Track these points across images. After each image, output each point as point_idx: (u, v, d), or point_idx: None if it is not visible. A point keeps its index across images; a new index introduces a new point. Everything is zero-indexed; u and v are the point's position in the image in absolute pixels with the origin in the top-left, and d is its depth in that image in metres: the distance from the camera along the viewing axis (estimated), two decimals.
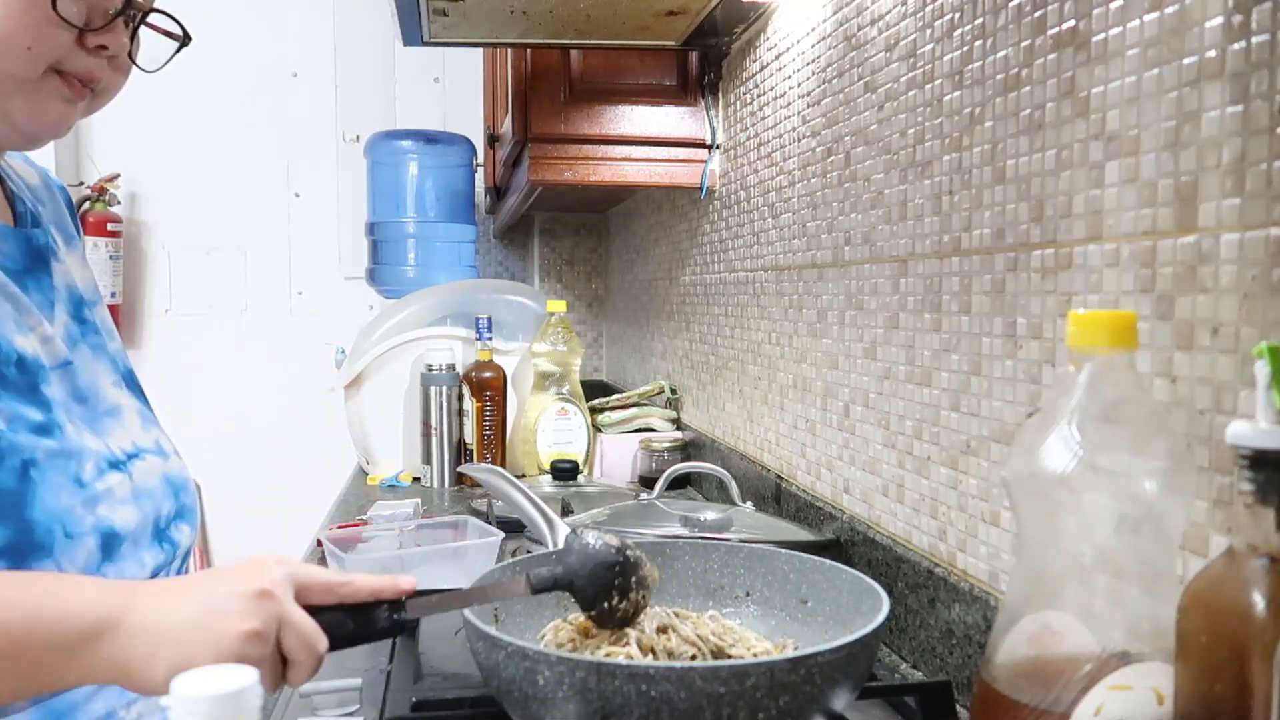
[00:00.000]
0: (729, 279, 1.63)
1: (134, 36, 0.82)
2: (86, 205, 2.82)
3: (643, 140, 1.65)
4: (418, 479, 1.88)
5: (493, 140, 2.25)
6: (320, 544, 1.30)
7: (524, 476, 1.83)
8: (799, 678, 0.61)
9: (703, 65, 1.66)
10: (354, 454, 2.04)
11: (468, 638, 0.70)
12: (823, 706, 0.64)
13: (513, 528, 1.27)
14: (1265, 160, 0.57)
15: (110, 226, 2.83)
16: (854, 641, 0.64)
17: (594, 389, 2.31)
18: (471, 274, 2.72)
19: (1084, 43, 0.73)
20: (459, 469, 1.70)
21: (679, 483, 1.76)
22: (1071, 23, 0.74)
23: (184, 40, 0.86)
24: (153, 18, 0.83)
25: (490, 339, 1.86)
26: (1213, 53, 0.61)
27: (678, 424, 1.95)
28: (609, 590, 0.73)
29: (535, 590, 0.73)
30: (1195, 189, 0.62)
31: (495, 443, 1.85)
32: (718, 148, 1.66)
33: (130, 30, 0.80)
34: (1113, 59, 0.70)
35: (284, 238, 3.08)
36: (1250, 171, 0.58)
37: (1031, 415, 0.58)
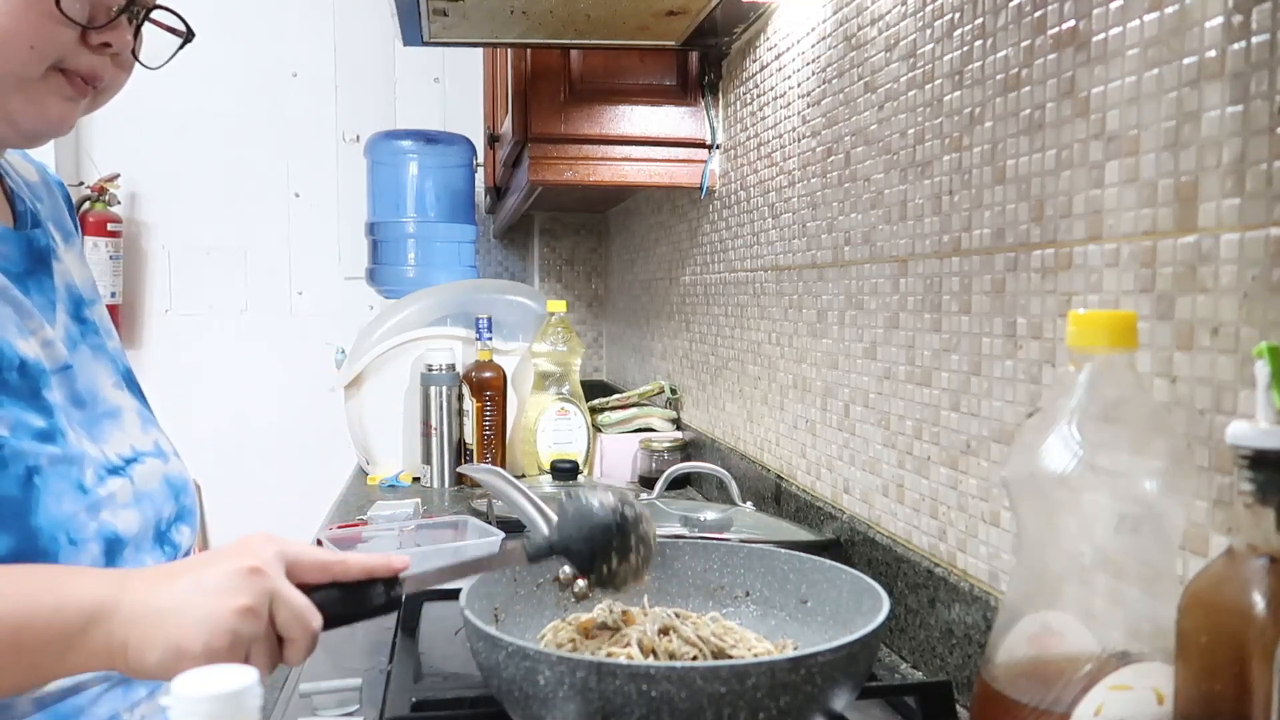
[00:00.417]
0: (729, 279, 1.63)
1: (137, 33, 0.81)
2: (86, 205, 2.82)
3: (643, 140, 1.65)
4: (418, 479, 1.88)
5: (493, 140, 2.25)
6: (320, 544, 1.30)
7: (524, 476, 1.83)
8: (799, 678, 0.61)
9: (703, 65, 1.66)
10: (354, 454, 2.04)
11: (468, 638, 0.70)
12: (823, 706, 0.64)
13: (513, 528, 1.27)
14: (1265, 160, 0.57)
15: (110, 226, 2.83)
16: (854, 641, 0.64)
17: (594, 389, 2.31)
18: (471, 274, 2.72)
19: (1084, 43, 0.73)
20: (459, 469, 1.70)
21: (679, 483, 1.76)
22: (1071, 23, 0.74)
23: (187, 36, 0.85)
24: (156, 14, 0.82)
25: (490, 339, 1.86)
26: (1213, 53, 0.61)
27: (678, 424, 1.95)
28: (607, 553, 0.70)
29: (532, 558, 0.71)
30: (1195, 189, 0.62)
31: (495, 443, 1.85)
32: (718, 148, 1.66)
33: (134, 27, 0.80)
34: (1113, 59, 0.70)
35: (284, 238, 3.08)
36: (1250, 171, 0.58)
37: (1031, 415, 0.58)
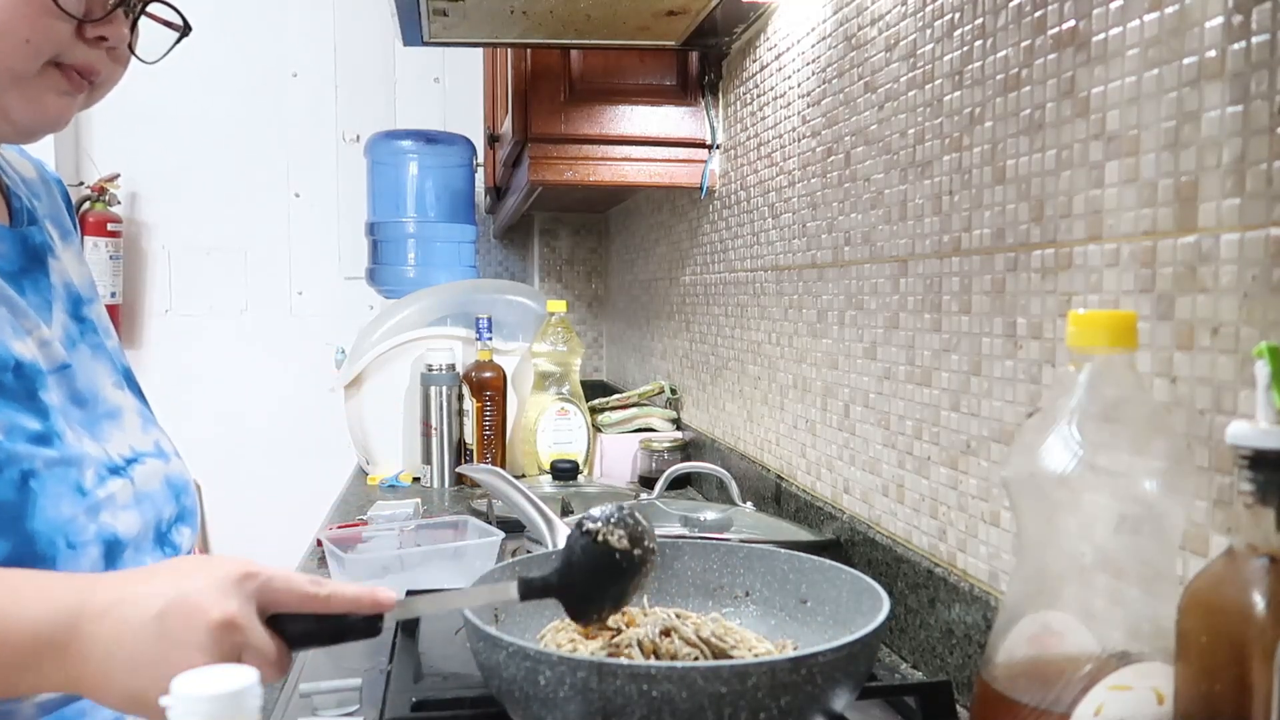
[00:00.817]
0: (729, 279, 1.63)
1: (134, 27, 0.80)
2: (86, 205, 2.82)
3: (643, 140, 1.65)
4: (418, 479, 1.88)
5: (493, 140, 2.25)
6: (320, 544, 1.30)
7: (524, 476, 1.83)
8: (800, 678, 0.61)
9: (703, 65, 1.66)
10: (354, 454, 2.04)
11: (468, 638, 0.70)
12: (823, 706, 0.64)
13: (513, 528, 1.27)
14: (1265, 160, 0.57)
15: (110, 226, 2.83)
16: (854, 641, 0.64)
17: (594, 389, 2.31)
18: (471, 274, 2.72)
19: (1084, 43, 0.73)
20: (459, 469, 1.70)
21: (679, 483, 1.76)
22: (1071, 23, 0.74)
23: (184, 30, 0.84)
24: (152, 8, 0.81)
25: (490, 339, 1.86)
26: (1213, 53, 0.61)
27: (678, 424, 1.95)
28: (603, 602, 0.67)
29: (523, 597, 0.67)
30: (1195, 189, 0.62)
31: (495, 443, 1.85)
32: (718, 148, 1.66)
33: (130, 21, 0.79)
34: (1113, 59, 0.70)
35: (284, 238, 3.08)
36: (1250, 171, 0.58)
37: (1031, 415, 0.58)
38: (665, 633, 0.74)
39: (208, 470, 2.97)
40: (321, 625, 0.63)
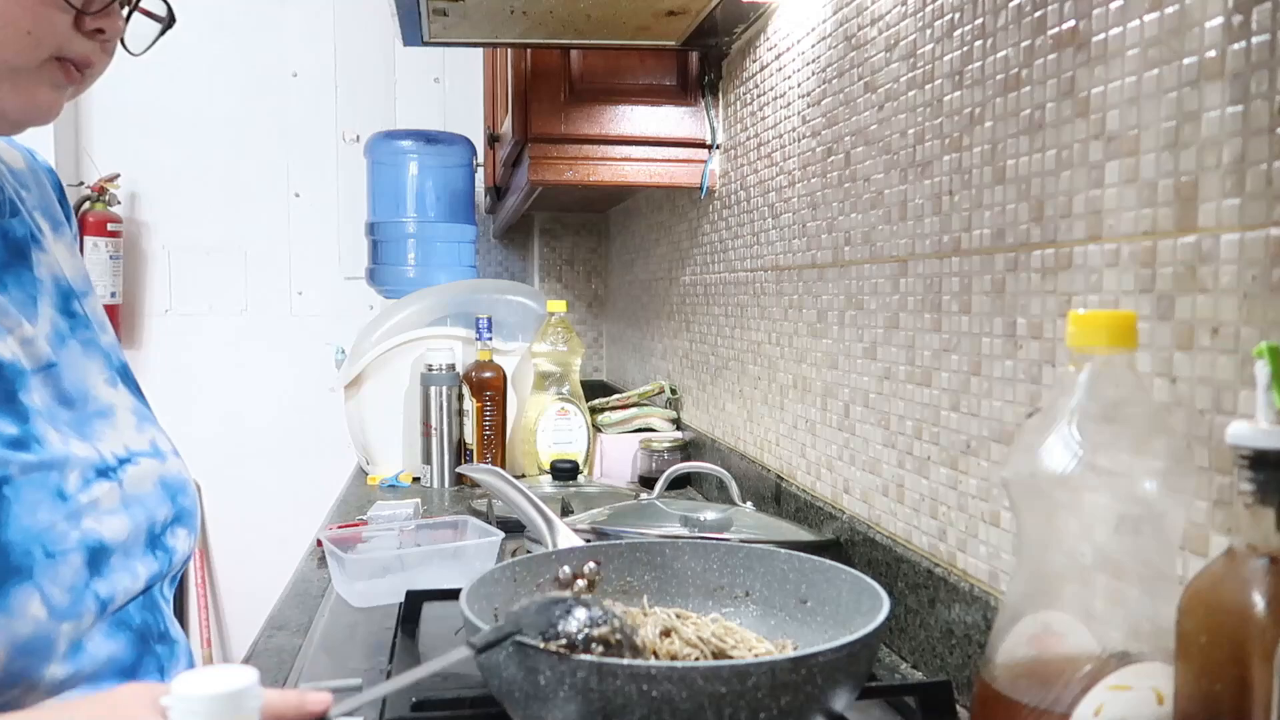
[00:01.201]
0: (729, 279, 1.63)
1: (129, 19, 0.79)
2: (86, 205, 2.82)
3: (643, 140, 1.65)
4: (418, 479, 1.88)
5: (493, 140, 2.25)
6: (320, 544, 1.30)
7: (524, 476, 1.83)
8: (800, 677, 0.61)
9: (703, 65, 1.66)
10: (354, 454, 2.04)
11: (468, 637, 0.70)
12: (823, 706, 0.64)
13: (513, 528, 1.27)
14: (1265, 160, 0.57)
15: (110, 226, 2.83)
16: (854, 641, 0.64)
17: (594, 389, 2.31)
18: (471, 274, 2.72)
19: (1084, 43, 0.73)
20: (459, 469, 1.70)
21: (679, 483, 1.76)
22: (1071, 23, 0.74)
23: (168, 21, 0.83)
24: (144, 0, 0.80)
25: (490, 339, 1.86)
26: (1213, 53, 0.61)
27: (678, 424, 1.95)
28: (557, 618, 0.64)
29: (479, 650, 0.64)
30: (1195, 189, 0.62)
31: (495, 443, 1.85)
32: (718, 148, 1.66)
33: (126, 13, 0.78)
34: (1113, 59, 0.70)
35: (284, 238, 3.08)
36: (1250, 171, 0.58)
37: (1031, 415, 0.58)
38: (665, 633, 0.74)
39: (208, 470, 2.98)
40: None
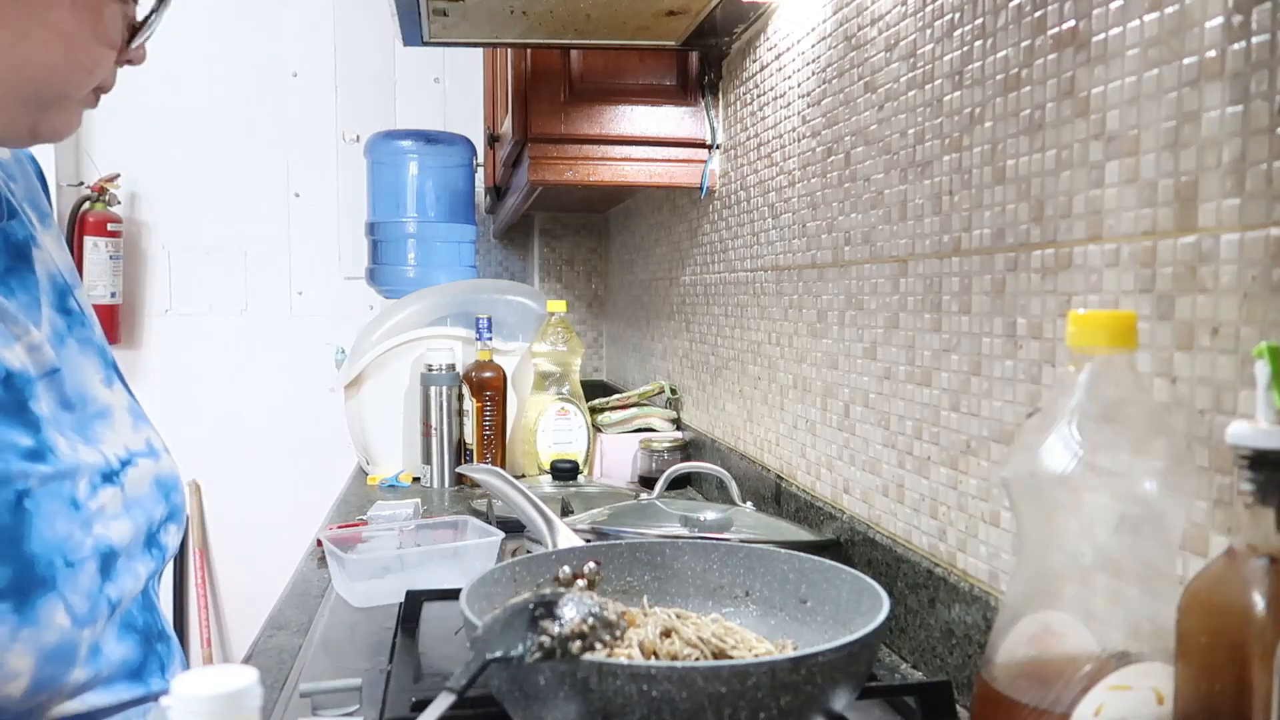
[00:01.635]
0: (729, 279, 1.63)
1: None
2: (86, 205, 2.82)
3: (643, 140, 1.65)
4: (418, 479, 1.88)
5: (493, 140, 2.25)
6: (320, 544, 1.30)
7: (524, 476, 1.83)
8: (800, 677, 0.61)
9: (703, 65, 1.66)
10: (354, 454, 2.04)
11: (468, 637, 0.70)
12: (823, 706, 0.64)
13: (513, 528, 1.27)
14: (1265, 160, 0.57)
15: (110, 226, 2.83)
16: (854, 641, 0.64)
17: (594, 389, 2.31)
18: (471, 274, 2.72)
19: (1084, 43, 0.73)
20: (459, 469, 1.70)
21: (679, 483, 1.76)
22: (1071, 23, 0.74)
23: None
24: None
25: (490, 339, 1.86)
26: (1213, 53, 0.61)
27: (678, 424, 1.95)
28: (527, 629, 0.63)
29: (461, 692, 0.61)
30: (1195, 189, 0.62)
31: (495, 443, 1.85)
32: (718, 148, 1.66)
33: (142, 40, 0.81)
34: (1113, 59, 0.70)
35: (284, 238, 3.08)
36: (1250, 171, 0.58)
37: (1031, 415, 0.58)
38: (665, 633, 0.74)
39: (208, 470, 2.98)
40: None
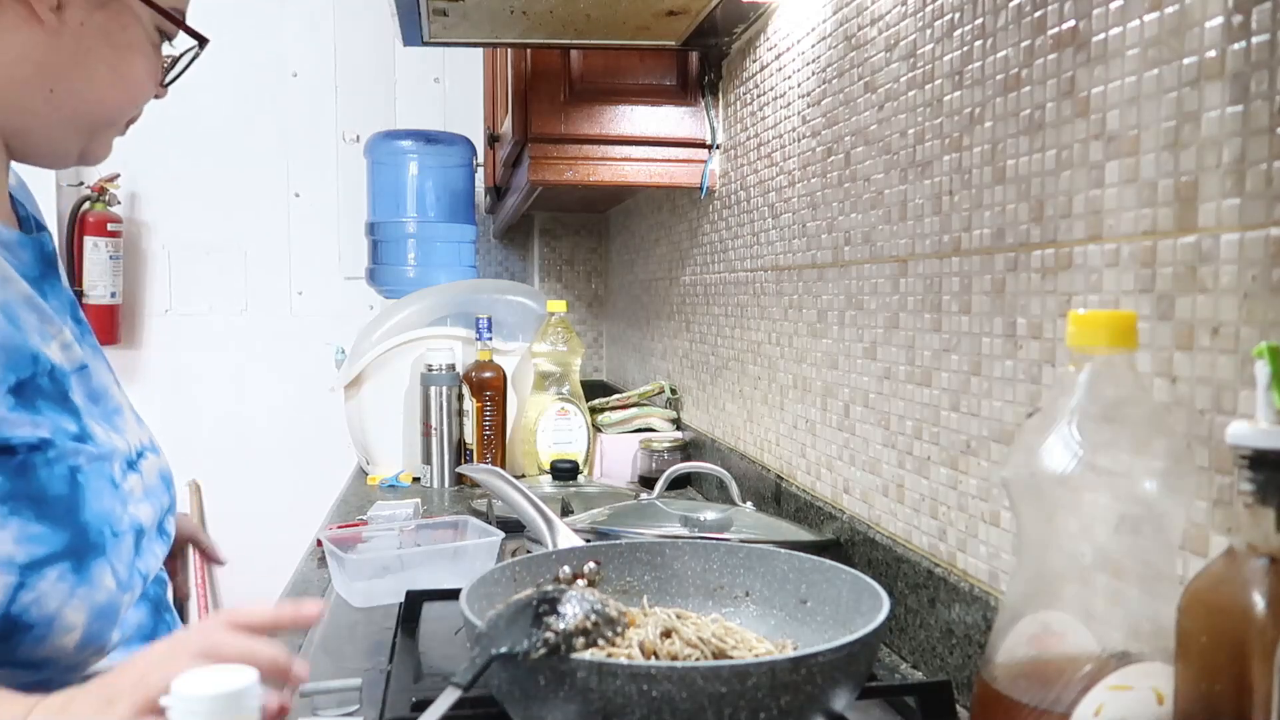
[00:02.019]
0: (729, 279, 1.63)
1: None
2: (86, 205, 2.82)
3: (643, 140, 1.65)
4: (418, 479, 1.88)
5: (493, 140, 2.25)
6: (320, 544, 1.30)
7: (524, 476, 1.83)
8: (800, 677, 0.61)
9: (703, 65, 1.66)
10: (354, 454, 2.04)
11: (467, 637, 0.70)
12: (823, 706, 0.64)
13: (513, 528, 1.27)
14: (1265, 160, 0.57)
15: (110, 226, 2.83)
16: (854, 641, 0.64)
17: (594, 389, 2.31)
18: (471, 274, 2.72)
19: (1084, 43, 0.73)
20: (459, 469, 1.70)
21: (679, 483, 1.76)
22: (1071, 23, 0.74)
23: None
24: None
25: (490, 339, 1.86)
26: (1213, 53, 0.61)
27: (678, 424, 1.95)
28: (531, 626, 0.64)
29: (466, 687, 0.62)
30: (1195, 189, 0.62)
31: (495, 443, 1.85)
32: (718, 148, 1.66)
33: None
34: (1113, 59, 0.70)
35: (284, 238, 3.08)
36: (1250, 171, 0.58)
37: (1031, 415, 0.58)
38: (665, 633, 0.74)
39: (208, 470, 2.98)
40: None
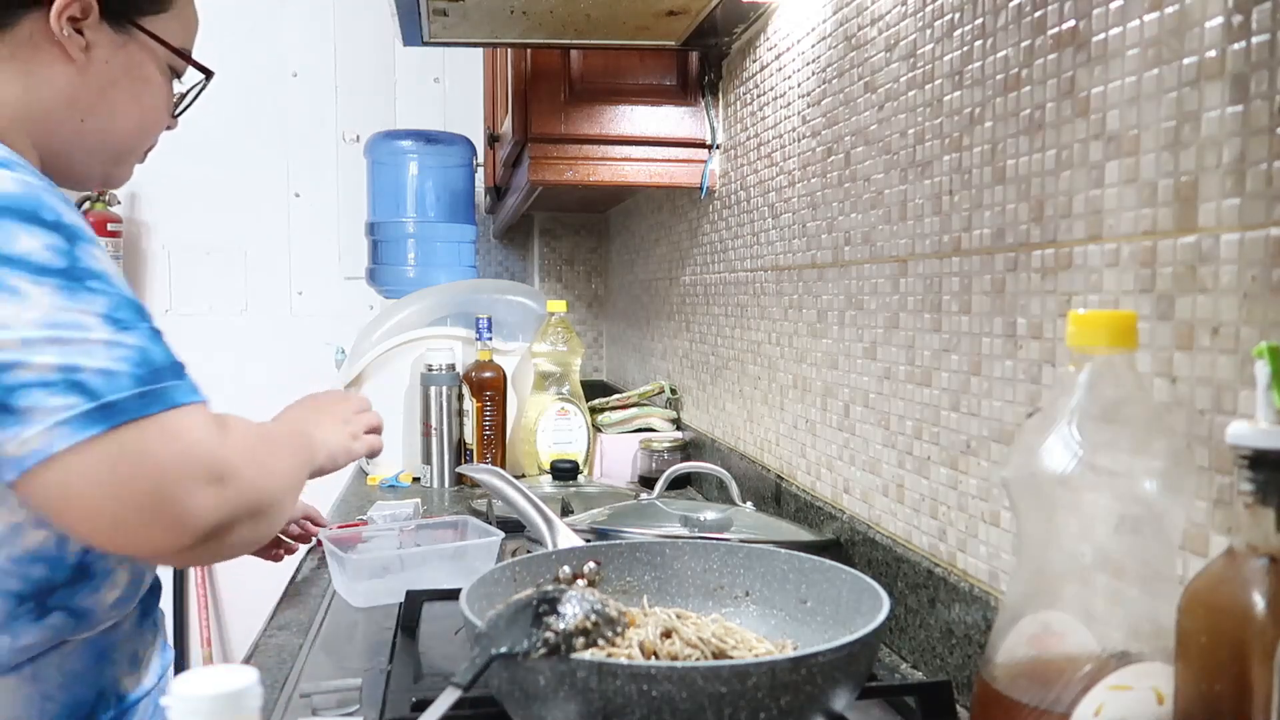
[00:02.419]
0: (729, 279, 1.63)
1: None
2: (86, 205, 2.82)
3: (643, 140, 1.65)
4: (418, 479, 1.88)
5: (493, 140, 2.25)
6: (320, 544, 1.30)
7: (524, 476, 1.83)
8: (800, 677, 0.61)
9: (703, 65, 1.66)
10: None
11: (467, 638, 0.70)
12: (823, 706, 0.64)
13: (513, 528, 1.27)
14: (1265, 160, 0.57)
15: (110, 226, 2.83)
16: (854, 641, 0.64)
17: (594, 389, 2.31)
18: (471, 274, 2.71)
19: (1084, 43, 0.73)
20: (459, 469, 1.70)
21: (679, 483, 1.76)
22: (1071, 23, 0.74)
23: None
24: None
25: (490, 339, 1.86)
26: (1213, 53, 0.61)
27: (678, 424, 1.95)
28: (531, 626, 0.64)
29: (466, 687, 0.62)
30: (1195, 189, 0.62)
31: (495, 443, 1.85)
32: (718, 148, 1.66)
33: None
34: (1113, 59, 0.70)
35: (284, 238, 3.08)
36: (1250, 171, 0.58)
37: (1031, 415, 0.58)
38: (665, 634, 0.74)
39: None
40: None
